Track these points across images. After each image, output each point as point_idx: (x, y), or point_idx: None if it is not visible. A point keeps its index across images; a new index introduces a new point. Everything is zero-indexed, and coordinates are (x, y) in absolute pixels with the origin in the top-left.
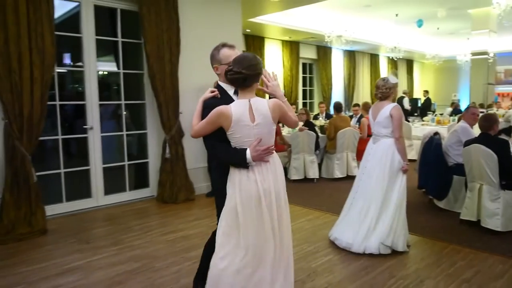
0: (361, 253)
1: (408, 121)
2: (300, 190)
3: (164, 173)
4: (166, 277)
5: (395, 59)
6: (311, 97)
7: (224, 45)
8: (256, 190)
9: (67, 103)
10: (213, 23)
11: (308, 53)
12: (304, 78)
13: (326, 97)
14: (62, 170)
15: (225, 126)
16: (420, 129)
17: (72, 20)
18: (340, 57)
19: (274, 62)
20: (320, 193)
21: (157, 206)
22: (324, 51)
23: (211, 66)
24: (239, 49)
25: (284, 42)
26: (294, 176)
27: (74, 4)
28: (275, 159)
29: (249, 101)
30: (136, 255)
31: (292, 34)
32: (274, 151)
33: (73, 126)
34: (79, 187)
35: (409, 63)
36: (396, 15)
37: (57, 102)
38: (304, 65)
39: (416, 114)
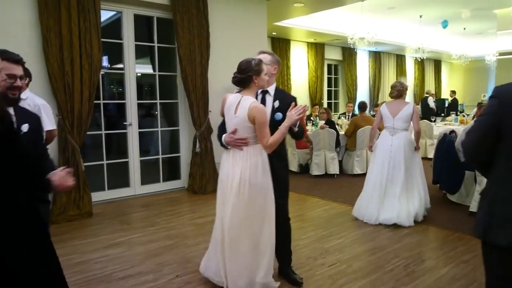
0: (407, 226)
1: (431, 121)
2: (320, 184)
3: (195, 166)
4: (195, 252)
5: (419, 60)
6: (336, 98)
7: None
8: (223, 171)
9: (109, 102)
10: (239, 27)
11: (333, 55)
12: (329, 79)
13: (351, 97)
14: (105, 162)
15: (222, 110)
16: (442, 128)
17: (114, 26)
18: (365, 58)
19: (300, 64)
20: (338, 187)
21: (188, 196)
22: (349, 52)
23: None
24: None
25: (309, 44)
26: (315, 171)
27: (116, 12)
28: (251, 150)
29: (242, 97)
30: (170, 234)
31: (317, 36)
32: (248, 143)
33: (114, 122)
34: (119, 177)
35: (437, 64)
36: (420, 16)
37: (101, 101)
38: (329, 66)
39: (442, 114)
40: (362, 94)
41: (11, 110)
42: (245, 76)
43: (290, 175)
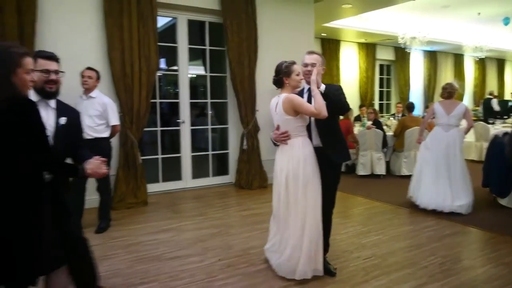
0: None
1: (489, 123)
2: (365, 184)
3: (242, 163)
4: (237, 240)
5: (477, 59)
6: (388, 98)
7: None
8: (275, 166)
9: (164, 101)
10: (287, 30)
11: (385, 55)
12: (380, 80)
13: (404, 98)
14: (160, 156)
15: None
16: (499, 131)
17: (169, 31)
18: (419, 58)
19: (350, 64)
20: (383, 188)
21: (235, 190)
22: (402, 52)
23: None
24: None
25: (360, 45)
26: (361, 171)
27: (172, 18)
28: (293, 144)
29: (279, 96)
30: (216, 223)
31: (367, 36)
32: (291, 137)
33: (168, 120)
34: (172, 171)
35: (500, 63)
36: (478, 14)
37: (158, 100)
38: (381, 66)
39: (505, 116)
40: (416, 94)
41: (52, 104)
42: (278, 78)
43: None
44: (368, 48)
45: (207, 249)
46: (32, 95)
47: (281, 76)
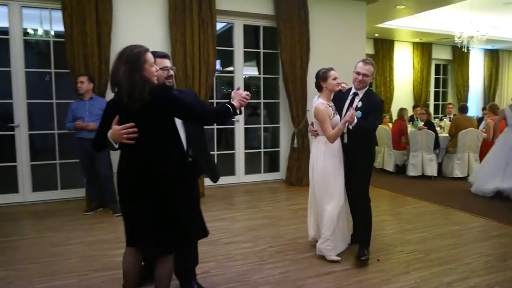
0: None
1: None
2: (415, 185)
3: (292, 160)
4: (287, 230)
5: None
6: (444, 99)
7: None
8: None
9: (221, 101)
10: (339, 32)
11: (441, 54)
12: (436, 80)
13: (462, 99)
14: (216, 152)
15: None
16: None
17: (225, 35)
18: (479, 57)
19: (404, 64)
20: (434, 189)
21: (285, 186)
22: (460, 51)
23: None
24: (363, 54)
25: (415, 44)
26: (411, 172)
27: (228, 23)
28: (319, 140)
29: (317, 98)
30: (267, 215)
31: (422, 36)
32: (320, 134)
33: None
34: (227, 166)
35: None
36: None
37: (214, 100)
38: (437, 66)
39: None
40: (475, 95)
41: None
42: (317, 82)
43: (385, 175)
44: (424, 48)
45: (258, 237)
46: None
47: (319, 81)
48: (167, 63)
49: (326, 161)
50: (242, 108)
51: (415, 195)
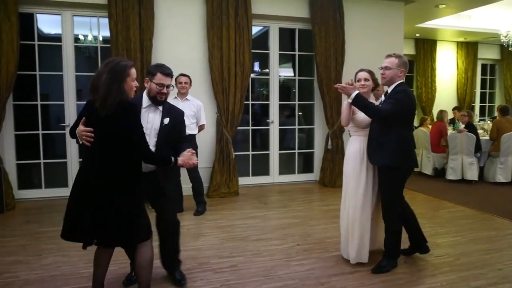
0: None
1: None
2: (454, 189)
3: (326, 162)
4: (316, 230)
5: None
6: (491, 101)
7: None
8: None
9: (256, 103)
10: (375, 33)
11: (489, 54)
12: (482, 80)
13: (511, 100)
14: (250, 153)
15: None
16: None
17: (261, 38)
18: None
19: (447, 64)
20: (473, 194)
21: (318, 187)
22: (508, 50)
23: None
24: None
25: (459, 44)
26: (450, 176)
27: (264, 27)
28: (349, 141)
29: None
30: (297, 215)
31: (467, 35)
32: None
33: (259, 120)
34: (261, 166)
35: None
36: None
37: (250, 102)
38: (483, 66)
39: None
40: None
41: (160, 107)
42: None
43: (423, 178)
44: (469, 47)
45: (287, 235)
46: (145, 100)
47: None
48: (167, 81)
49: (348, 165)
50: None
51: (452, 199)
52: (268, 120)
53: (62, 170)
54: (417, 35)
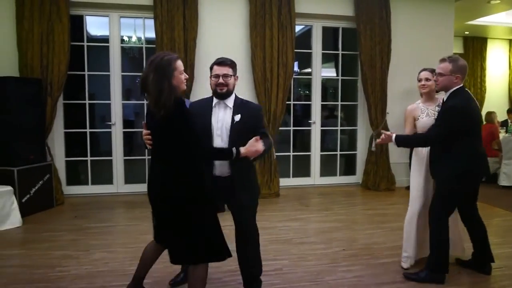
0: None
1: None
2: (507, 195)
3: (370, 164)
4: (362, 235)
5: None
6: None
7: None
8: None
9: (297, 103)
10: (423, 31)
11: None
12: None
13: None
14: (291, 154)
15: None
16: None
17: (303, 38)
18: None
19: (498, 63)
20: None
21: (361, 190)
22: None
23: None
24: (450, 52)
25: None
26: (503, 182)
27: (305, 26)
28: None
29: None
30: (340, 218)
31: None
32: None
33: (300, 121)
34: (302, 168)
35: None
36: None
37: (292, 102)
38: None
39: None
40: None
41: (230, 103)
42: None
43: None
44: None
45: (331, 239)
46: (214, 98)
47: None
48: (222, 70)
49: (413, 168)
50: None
51: (507, 207)
52: (309, 121)
53: (108, 167)
54: (466, 33)
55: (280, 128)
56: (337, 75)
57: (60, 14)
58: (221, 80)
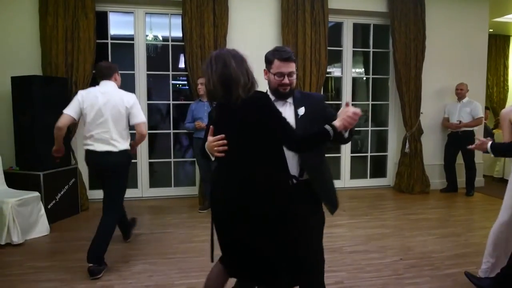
0: None
1: None
2: None
3: (403, 166)
4: (414, 243)
5: None
6: None
7: None
8: None
9: (330, 103)
10: (458, 27)
11: None
12: None
13: None
14: None
15: None
16: None
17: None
18: None
19: None
20: None
21: (394, 193)
22: None
23: None
24: (485, 51)
25: None
26: None
27: (336, 23)
28: None
29: None
30: (385, 224)
31: None
32: None
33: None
34: (332, 170)
35: None
36: None
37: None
38: None
39: None
40: None
41: (290, 98)
42: None
43: (504, 185)
44: None
45: (384, 247)
46: (269, 95)
47: None
48: (287, 67)
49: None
50: (346, 133)
51: None
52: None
53: (132, 171)
54: (490, 30)
55: None
56: (367, 73)
57: (85, 10)
58: (286, 80)
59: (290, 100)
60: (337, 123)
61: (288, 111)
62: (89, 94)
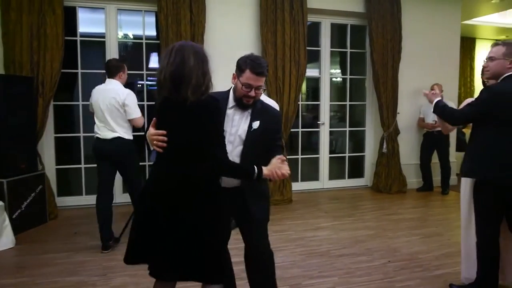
0: None
1: None
2: None
3: (381, 166)
4: (400, 244)
5: None
6: None
7: None
8: None
9: (305, 103)
10: (431, 29)
11: None
12: None
13: None
14: (300, 156)
15: None
16: None
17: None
18: None
19: None
20: None
21: (372, 193)
22: None
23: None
24: (457, 52)
25: None
26: None
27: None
28: None
29: None
30: (369, 225)
31: (509, 33)
32: None
33: (309, 122)
34: (310, 171)
35: None
36: None
37: (300, 102)
38: None
39: None
40: None
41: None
42: None
43: None
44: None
45: (370, 250)
46: (231, 98)
47: None
48: (256, 81)
49: None
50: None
51: None
52: (318, 122)
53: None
54: None
55: (292, 130)
56: (345, 74)
57: (53, 5)
58: (252, 92)
59: (249, 109)
60: (265, 171)
61: (243, 121)
62: (96, 90)
